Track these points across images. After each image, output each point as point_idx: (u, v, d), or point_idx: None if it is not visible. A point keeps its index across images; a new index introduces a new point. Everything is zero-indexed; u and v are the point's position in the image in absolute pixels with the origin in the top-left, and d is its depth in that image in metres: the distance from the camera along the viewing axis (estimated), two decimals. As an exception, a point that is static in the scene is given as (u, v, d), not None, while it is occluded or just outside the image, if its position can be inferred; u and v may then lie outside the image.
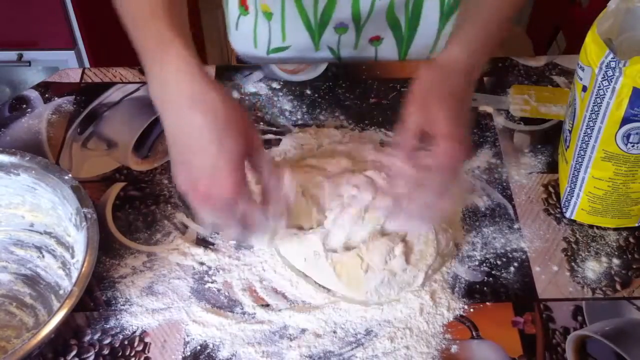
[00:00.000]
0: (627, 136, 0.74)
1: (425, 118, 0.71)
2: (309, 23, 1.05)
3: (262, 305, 0.77)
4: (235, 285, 0.79)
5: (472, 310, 0.76)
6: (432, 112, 0.71)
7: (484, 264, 0.81)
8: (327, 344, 0.73)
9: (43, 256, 0.84)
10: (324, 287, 0.78)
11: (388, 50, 1.10)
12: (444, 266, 0.80)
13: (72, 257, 0.80)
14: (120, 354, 0.73)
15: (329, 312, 0.76)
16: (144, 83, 1.03)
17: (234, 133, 0.65)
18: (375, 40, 1.08)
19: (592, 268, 0.81)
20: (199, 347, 0.73)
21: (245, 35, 1.12)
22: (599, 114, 0.75)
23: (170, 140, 0.67)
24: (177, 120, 0.66)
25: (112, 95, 1.01)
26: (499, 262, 0.81)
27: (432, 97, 0.72)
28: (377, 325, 0.75)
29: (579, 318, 0.76)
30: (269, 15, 1.06)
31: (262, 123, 0.96)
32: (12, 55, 1.69)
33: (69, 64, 1.70)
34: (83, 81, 1.04)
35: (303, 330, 0.75)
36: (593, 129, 0.77)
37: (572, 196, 0.83)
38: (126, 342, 0.74)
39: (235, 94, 1.01)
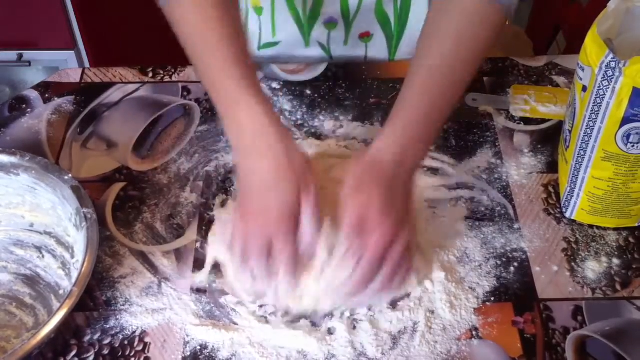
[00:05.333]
0: (627, 136, 0.74)
1: (361, 201, 0.72)
2: (299, 18, 1.05)
3: (262, 305, 0.77)
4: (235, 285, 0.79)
5: (472, 310, 0.76)
6: (365, 197, 0.71)
7: (484, 264, 0.81)
8: (327, 346, 0.73)
9: (43, 256, 0.84)
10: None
11: (378, 47, 1.10)
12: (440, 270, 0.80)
13: (72, 257, 0.80)
14: (120, 354, 0.73)
15: (329, 312, 0.76)
16: (144, 83, 1.03)
17: (289, 184, 0.72)
18: (365, 36, 1.08)
19: (592, 268, 0.81)
20: (199, 347, 0.73)
21: None
22: (599, 114, 0.75)
23: (241, 180, 0.75)
24: (247, 166, 0.75)
25: (112, 95, 1.01)
26: (499, 262, 0.81)
27: (364, 185, 0.72)
28: (378, 326, 0.75)
29: (579, 318, 0.76)
30: (259, 10, 1.06)
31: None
32: (12, 55, 1.69)
33: (69, 64, 1.70)
34: (83, 81, 1.04)
35: (303, 330, 0.75)
36: (593, 129, 0.77)
37: (572, 196, 0.83)
38: (126, 342, 0.74)
39: (235, 94, 1.01)
